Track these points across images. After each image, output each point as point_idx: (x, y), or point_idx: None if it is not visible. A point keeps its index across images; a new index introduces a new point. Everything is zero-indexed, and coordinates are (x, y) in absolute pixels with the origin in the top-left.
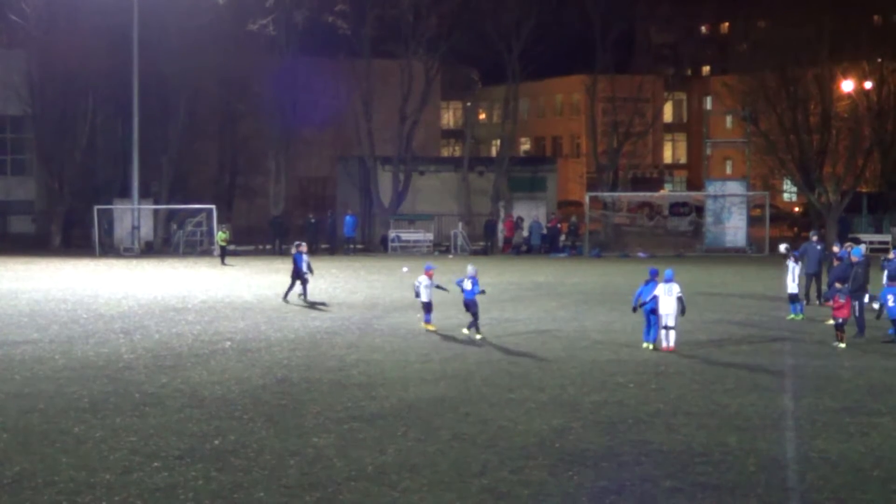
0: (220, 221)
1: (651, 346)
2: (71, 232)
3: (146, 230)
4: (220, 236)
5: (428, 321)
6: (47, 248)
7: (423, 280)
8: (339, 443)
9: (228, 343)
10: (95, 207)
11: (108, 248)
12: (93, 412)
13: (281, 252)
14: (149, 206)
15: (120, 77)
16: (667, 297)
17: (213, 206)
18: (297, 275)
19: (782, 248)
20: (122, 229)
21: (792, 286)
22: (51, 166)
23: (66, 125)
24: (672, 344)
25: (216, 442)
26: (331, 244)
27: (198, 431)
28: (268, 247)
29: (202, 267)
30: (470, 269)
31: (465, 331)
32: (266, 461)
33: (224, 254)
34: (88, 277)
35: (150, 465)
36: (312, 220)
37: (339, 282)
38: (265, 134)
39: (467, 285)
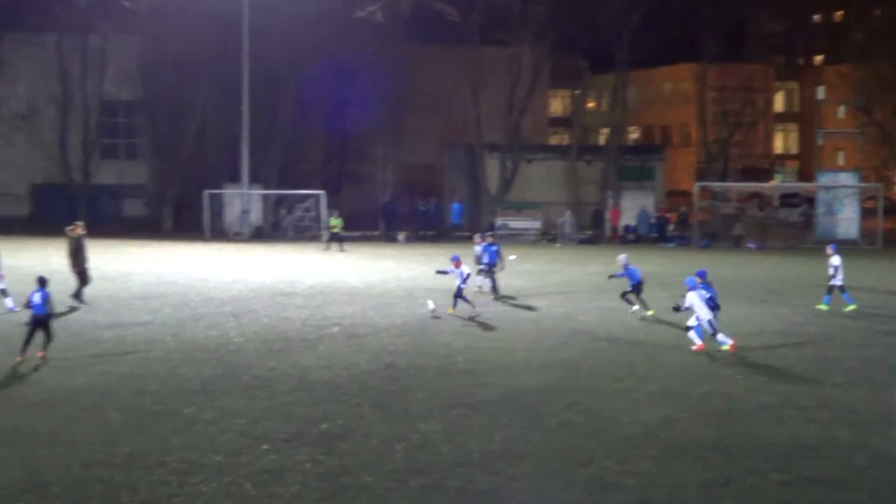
0: (328, 207)
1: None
2: (182, 216)
3: (256, 215)
4: (333, 222)
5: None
6: (159, 231)
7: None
8: (446, 429)
9: (336, 328)
10: (206, 192)
11: (218, 233)
12: (203, 394)
13: (389, 238)
14: (258, 192)
15: (230, 63)
16: (701, 302)
17: (323, 192)
18: (489, 266)
19: None
20: (231, 214)
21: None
22: (162, 151)
23: (178, 110)
24: (730, 341)
25: (324, 426)
26: (438, 231)
27: (305, 415)
28: (375, 233)
29: (311, 252)
30: (622, 257)
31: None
32: (373, 446)
33: (339, 240)
34: (199, 261)
35: (258, 447)
36: (423, 208)
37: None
38: (373, 121)
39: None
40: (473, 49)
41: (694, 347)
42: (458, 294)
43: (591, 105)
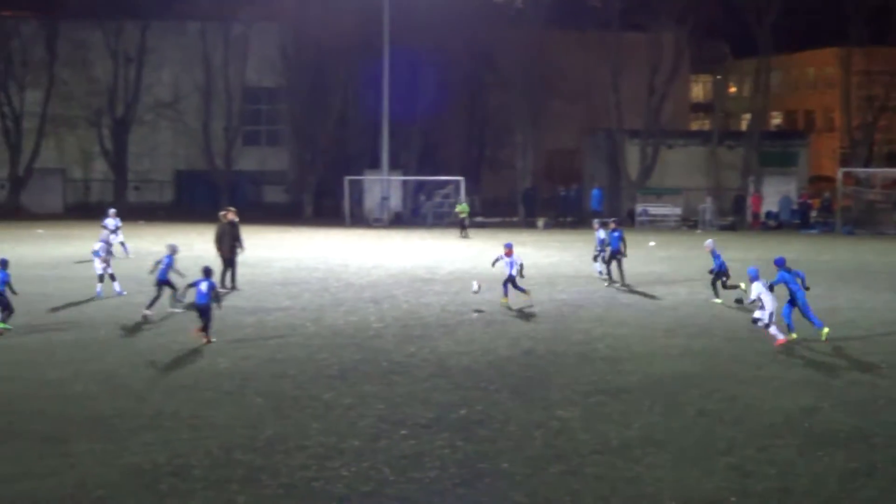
0: (467, 193)
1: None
2: (322, 202)
3: (395, 201)
4: (459, 208)
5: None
6: (299, 217)
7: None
8: (584, 416)
9: (475, 314)
10: (346, 178)
11: (358, 218)
12: (342, 379)
13: (528, 224)
14: (398, 178)
15: (371, 49)
16: (767, 292)
17: (462, 178)
18: (614, 254)
19: None
20: (371, 200)
21: None
22: (303, 137)
23: (319, 97)
24: (782, 337)
25: (462, 412)
26: (577, 217)
27: (444, 401)
28: (515, 219)
29: (450, 238)
30: (709, 242)
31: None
32: (511, 432)
33: (463, 226)
34: (339, 247)
35: (397, 432)
36: (562, 194)
37: (584, 255)
38: (513, 107)
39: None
40: (614, 34)
41: (776, 343)
42: (510, 282)
43: (732, 90)
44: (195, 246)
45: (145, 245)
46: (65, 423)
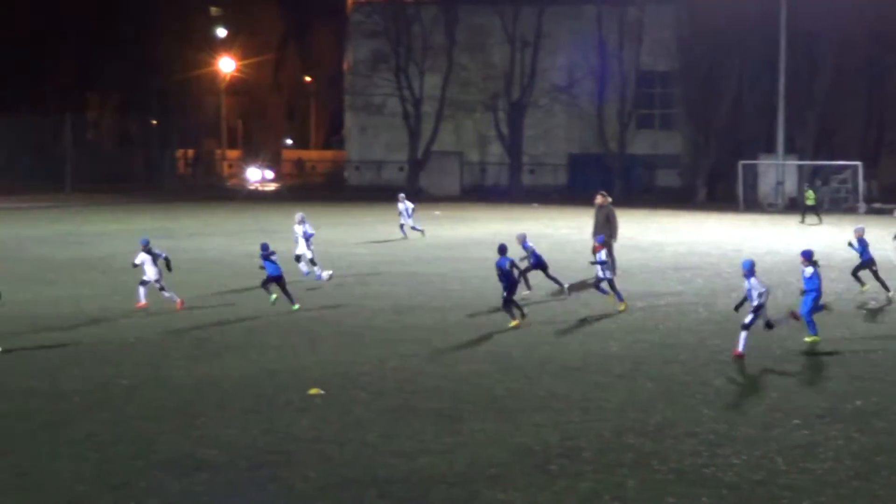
0: (864, 178)
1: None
2: (715, 186)
3: (790, 186)
4: (809, 195)
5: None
6: (692, 201)
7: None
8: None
9: (873, 302)
10: (740, 162)
11: (752, 203)
12: (733, 366)
13: None
14: (793, 162)
15: (767, 31)
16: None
17: (859, 163)
18: None
19: None
20: (765, 185)
21: None
22: (697, 121)
23: (714, 80)
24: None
25: (858, 402)
26: None
27: (839, 391)
28: None
29: (845, 224)
30: (859, 228)
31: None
32: None
33: (812, 211)
34: (731, 231)
35: (789, 421)
36: None
37: None
38: None
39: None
40: None
41: (734, 352)
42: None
43: None
44: (585, 230)
45: (538, 227)
46: (458, 401)
